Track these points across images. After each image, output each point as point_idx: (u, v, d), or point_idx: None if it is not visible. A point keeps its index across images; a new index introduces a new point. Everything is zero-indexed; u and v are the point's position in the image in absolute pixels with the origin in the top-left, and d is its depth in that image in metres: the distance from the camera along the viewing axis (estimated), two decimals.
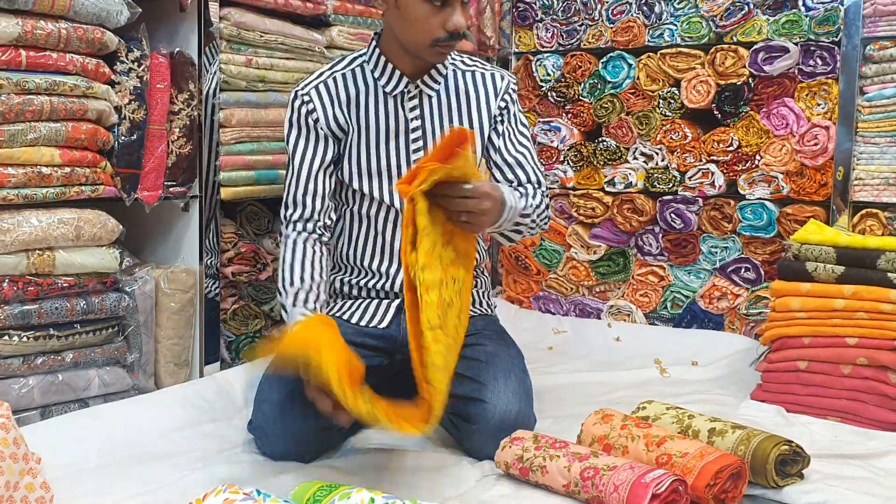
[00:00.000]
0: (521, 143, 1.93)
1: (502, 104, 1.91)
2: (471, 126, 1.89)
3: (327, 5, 2.26)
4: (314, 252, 1.80)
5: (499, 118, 1.91)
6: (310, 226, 1.82)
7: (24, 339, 1.66)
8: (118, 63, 1.78)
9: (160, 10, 1.92)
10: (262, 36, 2.08)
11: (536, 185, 1.90)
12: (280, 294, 1.77)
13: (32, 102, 1.62)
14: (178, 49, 1.89)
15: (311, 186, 1.82)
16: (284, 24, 2.14)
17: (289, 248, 1.80)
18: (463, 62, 1.94)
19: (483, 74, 1.93)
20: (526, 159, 1.92)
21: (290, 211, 1.83)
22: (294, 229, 1.82)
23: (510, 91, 1.92)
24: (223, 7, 1.98)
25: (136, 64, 1.79)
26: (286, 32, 2.14)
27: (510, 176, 1.90)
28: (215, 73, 1.98)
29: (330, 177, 1.85)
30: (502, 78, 1.93)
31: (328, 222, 1.86)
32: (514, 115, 1.93)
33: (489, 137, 1.91)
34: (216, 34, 1.96)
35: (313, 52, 2.24)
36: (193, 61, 1.92)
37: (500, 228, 1.73)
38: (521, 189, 1.86)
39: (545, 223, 1.92)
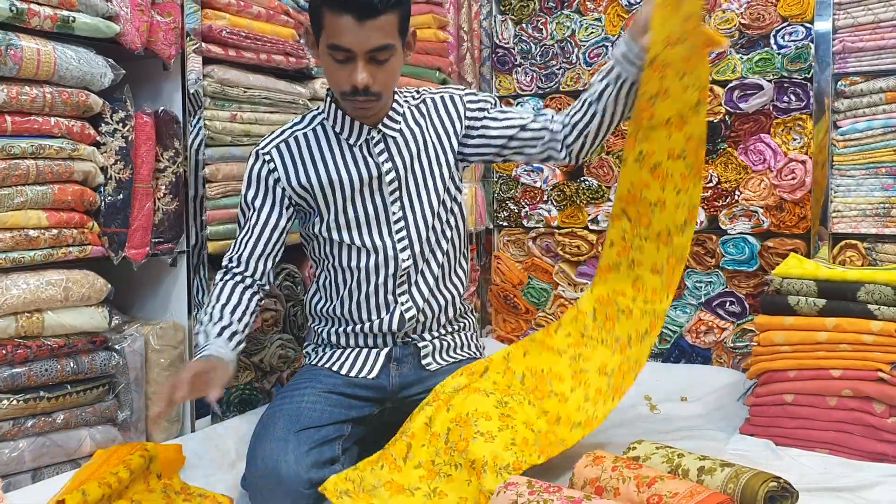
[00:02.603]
0: (514, 113, 1.93)
1: (472, 106, 1.93)
2: (441, 151, 1.92)
3: (310, 59, 2.30)
4: (249, 301, 1.83)
5: (474, 121, 1.93)
6: (248, 280, 1.86)
7: (14, 402, 1.66)
8: (103, 124, 1.80)
9: (144, 70, 1.95)
10: (245, 91, 2.11)
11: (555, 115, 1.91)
12: (201, 324, 1.78)
13: (19, 167, 1.64)
14: (162, 108, 1.92)
15: (261, 249, 1.87)
16: (268, 79, 2.18)
17: (223, 292, 1.82)
18: (412, 96, 1.96)
19: (434, 99, 1.95)
20: (523, 112, 1.93)
21: (232, 265, 1.87)
22: (231, 277, 1.86)
23: (467, 101, 1.94)
24: (206, 65, 2.02)
25: (120, 124, 1.82)
26: (270, 87, 2.18)
27: (537, 129, 1.89)
28: (200, 129, 2.01)
29: (280, 242, 1.89)
30: (452, 97, 1.95)
31: (268, 284, 1.90)
32: (490, 105, 1.95)
33: (483, 132, 1.92)
34: (200, 92, 2.00)
35: (297, 105, 2.27)
36: (178, 119, 1.95)
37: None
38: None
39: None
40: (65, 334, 1.75)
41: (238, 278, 1.85)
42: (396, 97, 1.91)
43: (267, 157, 1.87)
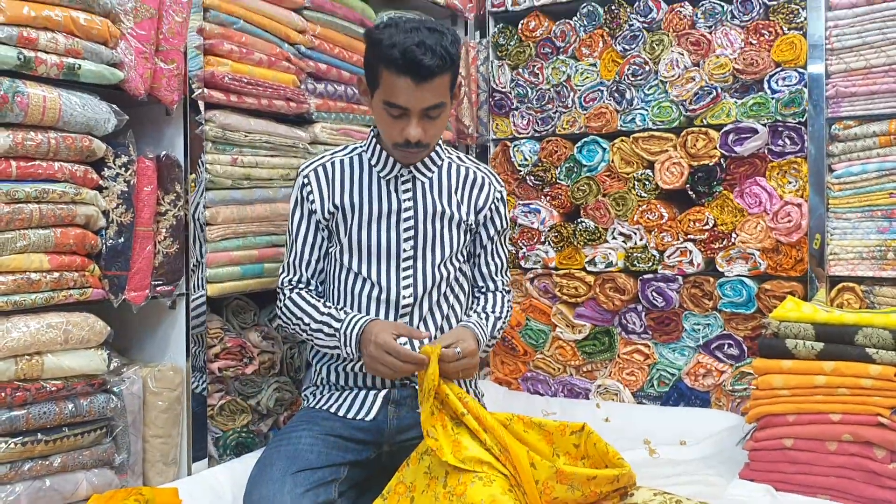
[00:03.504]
0: (498, 254, 2.11)
1: (492, 207, 2.07)
2: (461, 213, 2.00)
3: (310, 104, 2.33)
4: (312, 297, 1.98)
5: (482, 222, 2.06)
6: (302, 284, 2.01)
7: (12, 445, 1.65)
8: (106, 168, 1.81)
9: (147, 115, 1.98)
10: (246, 136, 2.13)
11: (503, 291, 2.13)
12: (309, 332, 1.93)
13: (22, 211, 1.65)
14: (164, 152, 1.94)
15: (305, 257, 2.00)
16: (269, 123, 2.20)
17: (294, 302, 1.97)
18: (459, 158, 2.08)
19: (476, 173, 2.06)
20: (499, 269, 2.12)
21: (285, 274, 2.04)
22: (290, 289, 2.01)
23: (496, 199, 2.07)
24: (208, 110, 2.04)
25: (123, 169, 1.83)
26: (270, 131, 2.20)
27: (480, 283, 2.11)
28: (201, 173, 2.03)
29: (321, 251, 2.01)
30: (491, 185, 2.07)
31: (319, 288, 2.04)
32: (500, 227, 2.09)
33: (474, 231, 2.07)
34: (202, 136, 2.02)
35: (297, 149, 2.30)
36: (179, 163, 1.96)
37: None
38: (487, 303, 2.08)
39: (508, 318, 2.12)
40: (64, 377, 1.74)
41: (294, 285, 2.02)
42: (440, 150, 2.02)
43: (305, 181, 1.99)
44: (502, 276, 2.13)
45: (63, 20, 1.67)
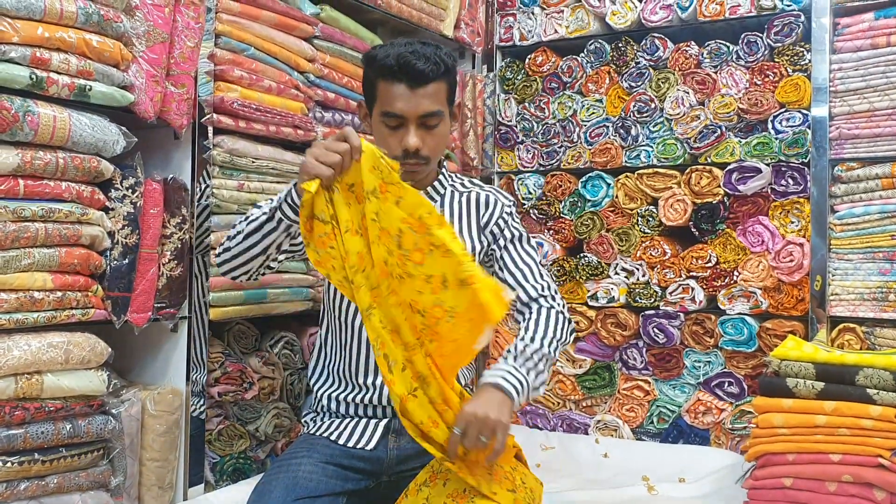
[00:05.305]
0: (523, 260, 1.96)
1: (501, 220, 1.98)
2: (468, 239, 1.97)
3: (317, 132, 2.35)
4: None
5: (493, 237, 1.99)
6: None
7: (9, 464, 1.64)
8: (113, 190, 1.83)
9: (155, 139, 1.99)
10: (253, 162, 2.15)
11: (547, 299, 1.91)
12: (245, 224, 1.82)
13: (28, 229, 1.66)
14: (171, 176, 1.95)
15: None
16: (276, 150, 2.22)
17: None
18: (462, 184, 2.06)
19: (479, 193, 2.03)
20: (531, 273, 1.94)
21: None
22: None
23: (504, 213, 2.00)
24: (217, 135, 2.06)
25: (130, 190, 1.85)
26: (277, 158, 2.22)
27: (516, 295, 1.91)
28: (208, 197, 2.04)
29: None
30: (496, 201, 2.02)
31: None
32: (515, 233, 1.99)
33: (493, 254, 1.99)
34: (209, 161, 2.03)
35: None
36: (186, 187, 1.97)
37: (528, 400, 1.73)
38: (519, 331, 1.85)
39: (570, 335, 1.91)
40: (63, 397, 1.74)
41: None
42: (443, 178, 2.00)
43: None
44: (535, 281, 1.92)
45: (76, 42, 1.69)
